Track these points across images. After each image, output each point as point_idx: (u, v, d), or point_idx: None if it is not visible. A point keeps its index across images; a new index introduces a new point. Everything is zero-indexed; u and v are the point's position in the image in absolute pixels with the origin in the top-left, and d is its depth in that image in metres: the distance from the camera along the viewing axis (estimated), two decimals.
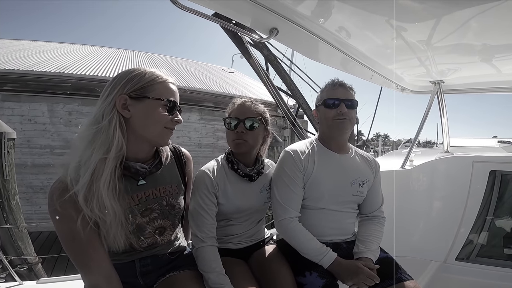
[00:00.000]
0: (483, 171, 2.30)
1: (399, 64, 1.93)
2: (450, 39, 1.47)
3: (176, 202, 1.18)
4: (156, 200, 1.11)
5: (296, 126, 4.76)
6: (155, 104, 1.01)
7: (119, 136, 0.96)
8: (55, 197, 0.90)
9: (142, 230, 1.09)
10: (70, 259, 0.94)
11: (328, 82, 1.48)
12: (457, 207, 2.30)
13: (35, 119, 7.25)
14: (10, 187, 3.96)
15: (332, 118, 1.40)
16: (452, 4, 1.11)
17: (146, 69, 1.04)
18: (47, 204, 0.93)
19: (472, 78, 2.22)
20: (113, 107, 0.97)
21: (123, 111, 0.98)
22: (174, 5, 0.97)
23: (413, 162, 2.55)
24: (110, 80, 1.02)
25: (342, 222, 1.45)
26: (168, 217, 1.16)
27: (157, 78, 1.03)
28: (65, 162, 0.94)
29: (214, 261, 1.17)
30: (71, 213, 0.90)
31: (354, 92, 1.46)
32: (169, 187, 1.16)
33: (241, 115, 1.33)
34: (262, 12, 1.13)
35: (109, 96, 0.98)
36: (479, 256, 2.19)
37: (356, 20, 1.32)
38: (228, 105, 1.40)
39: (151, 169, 1.08)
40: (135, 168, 1.03)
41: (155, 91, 1.02)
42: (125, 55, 13.40)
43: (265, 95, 10.81)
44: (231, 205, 1.31)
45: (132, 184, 1.05)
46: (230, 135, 1.34)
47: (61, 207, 0.89)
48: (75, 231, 0.90)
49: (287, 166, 1.40)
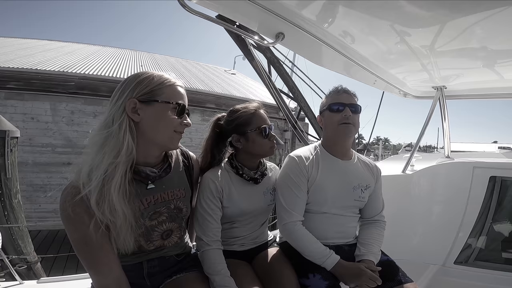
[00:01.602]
0: (483, 176, 2.31)
1: (402, 69, 1.95)
2: (453, 45, 1.48)
3: (184, 205, 1.20)
4: (164, 204, 1.12)
5: (297, 129, 4.76)
6: (164, 108, 1.02)
7: (129, 140, 0.97)
8: (68, 202, 0.92)
9: (150, 233, 1.11)
10: (80, 261, 0.96)
11: (332, 89, 1.52)
12: (456, 212, 2.31)
13: (37, 118, 7.28)
14: (12, 185, 3.98)
15: (338, 123, 1.43)
16: (455, 10, 1.12)
17: (154, 73, 1.04)
18: (59, 208, 0.94)
19: (474, 84, 2.23)
20: (123, 111, 0.97)
21: (133, 115, 0.98)
22: (184, 8, 0.99)
23: (414, 167, 2.56)
24: (119, 84, 1.03)
25: (344, 226, 1.47)
26: (175, 220, 1.17)
27: (166, 81, 1.04)
28: (77, 167, 0.96)
29: (219, 263, 1.20)
30: (83, 217, 0.92)
31: (357, 98, 1.49)
32: (177, 190, 1.17)
33: (268, 122, 1.37)
34: (269, 16, 1.15)
35: (119, 100, 0.98)
36: (478, 260, 2.20)
37: (360, 25, 1.34)
38: (240, 114, 1.36)
39: (161, 173, 1.10)
40: (145, 172, 1.05)
41: (164, 94, 1.02)
42: (128, 55, 13.44)
43: (266, 97, 10.82)
44: (235, 208, 1.33)
45: (142, 188, 1.06)
46: (266, 144, 1.36)
47: (73, 211, 0.91)
48: (87, 235, 0.92)
49: (291, 171, 1.43)
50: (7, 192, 3.91)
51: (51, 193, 7.02)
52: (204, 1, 1.02)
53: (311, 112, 5.22)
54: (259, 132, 1.33)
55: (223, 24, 1.23)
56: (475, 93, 2.41)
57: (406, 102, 8.09)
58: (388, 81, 2.08)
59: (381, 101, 4.55)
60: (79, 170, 0.95)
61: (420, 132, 2.55)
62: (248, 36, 1.34)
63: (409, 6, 1.11)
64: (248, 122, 1.33)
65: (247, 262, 1.39)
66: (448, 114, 2.51)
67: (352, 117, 1.42)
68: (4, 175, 3.86)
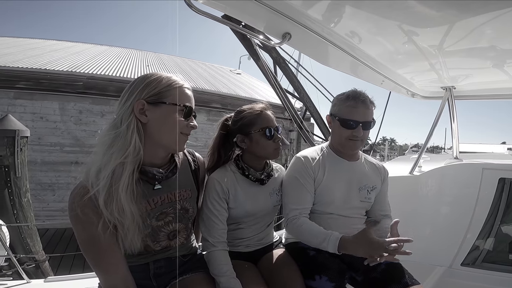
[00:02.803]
0: (492, 178, 2.27)
1: (410, 69, 1.92)
2: (462, 44, 1.46)
3: (190, 206, 1.20)
4: (171, 204, 1.13)
5: (302, 129, 4.75)
6: (171, 110, 1.02)
7: (136, 141, 0.98)
8: (76, 202, 0.93)
9: (157, 233, 1.11)
10: (87, 261, 0.97)
11: (350, 94, 1.42)
12: (465, 214, 2.28)
13: (46, 117, 7.38)
14: (22, 184, 4.03)
15: (346, 138, 1.41)
16: (465, 10, 1.10)
17: (162, 74, 1.05)
18: (67, 208, 0.95)
19: (483, 84, 2.20)
20: (131, 112, 0.98)
21: (141, 116, 0.99)
22: (190, 8, 0.99)
23: (422, 168, 2.53)
24: (128, 84, 1.04)
25: (351, 228, 1.45)
26: (182, 220, 1.17)
27: (174, 83, 1.04)
28: (86, 167, 0.97)
29: (225, 264, 1.19)
30: (92, 218, 0.93)
31: (374, 106, 1.44)
32: (183, 191, 1.18)
33: (273, 123, 1.35)
34: (276, 17, 1.14)
35: (127, 101, 0.99)
36: (485, 261, 2.17)
37: (368, 24, 1.32)
38: (245, 114, 1.35)
39: (167, 174, 1.10)
40: (152, 173, 1.05)
41: (171, 96, 1.02)
42: (135, 55, 13.55)
43: (272, 97, 10.80)
44: (241, 209, 1.33)
45: (148, 188, 1.07)
46: (270, 145, 1.33)
47: (82, 212, 0.92)
48: (95, 235, 0.93)
49: (297, 171, 1.42)
50: (17, 191, 3.96)
51: (59, 192, 7.11)
52: (210, 1, 1.02)
53: (317, 113, 5.19)
54: (263, 133, 1.32)
55: (229, 24, 1.23)
56: (484, 94, 2.37)
57: (412, 102, 7.89)
58: (396, 81, 2.05)
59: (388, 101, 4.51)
60: (88, 170, 0.96)
61: (429, 133, 2.52)
62: (254, 36, 1.33)
63: (418, 5, 1.10)
64: (253, 122, 1.33)
65: (253, 263, 1.38)
66: (457, 115, 2.48)
67: (363, 133, 1.40)
68: (14, 174, 3.91)
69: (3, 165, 3.81)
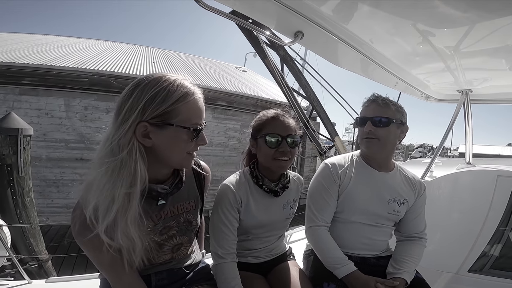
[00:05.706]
0: (507, 186, 2.21)
1: (425, 71, 1.85)
2: (481, 46, 1.38)
3: (193, 218, 1.14)
4: (174, 218, 1.07)
5: (309, 128, 4.69)
6: (179, 132, 0.89)
7: (141, 169, 0.86)
8: (77, 228, 0.86)
9: (160, 247, 1.06)
10: None
11: (367, 98, 1.46)
12: (476, 221, 2.23)
13: (51, 113, 7.38)
14: (24, 183, 3.98)
15: (361, 137, 1.40)
16: (485, 10, 1.03)
17: (166, 81, 0.88)
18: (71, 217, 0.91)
19: (502, 88, 2.11)
20: (132, 135, 0.85)
21: (144, 139, 0.87)
22: (197, 3, 0.92)
23: (434, 173, 2.46)
24: (124, 94, 0.88)
25: (373, 239, 1.42)
26: (185, 233, 1.12)
27: (181, 97, 0.88)
28: (84, 190, 0.87)
29: (233, 279, 1.14)
30: (94, 241, 0.85)
31: (392, 106, 1.37)
32: (186, 203, 1.11)
33: (282, 131, 1.24)
34: (288, 14, 1.07)
35: (126, 123, 0.84)
36: (493, 268, 2.13)
37: (386, 24, 1.25)
38: (259, 116, 1.30)
39: (172, 190, 1.03)
40: (156, 191, 0.97)
41: (180, 116, 0.88)
42: (140, 52, 13.54)
43: (278, 95, 10.74)
44: (252, 221, 1.26)
45: (152, 204, 1.00)
46: (270, 155, 1.23)
47: (84, 236, 0.86)
48: (100, 257, 0.89)
49: (323, 177, 1.42)
50: (19, 190, 3.92)
51: (63, 188, 7.12)
52: None
53: (324, 112, 5.12)
54: (265, 139, 1.23)
55: (237, 20, 1.14)
56: (502, 98, 2.29)
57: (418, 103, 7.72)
58: (410, 83, 1.98)
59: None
60: (85, 198, 0.85)
61: (443, 136, 2.43)
62: (264, 34, 1.26)
63: (441, 5, 1.03)
64: (261, 127, 1.26)
65: (262, 275, 1.33)
66: (472, 119, 2.39)
67: (376, 130, 1.34)
68: (17, 173, 3.86)
69: (6, 164, 3.76)
